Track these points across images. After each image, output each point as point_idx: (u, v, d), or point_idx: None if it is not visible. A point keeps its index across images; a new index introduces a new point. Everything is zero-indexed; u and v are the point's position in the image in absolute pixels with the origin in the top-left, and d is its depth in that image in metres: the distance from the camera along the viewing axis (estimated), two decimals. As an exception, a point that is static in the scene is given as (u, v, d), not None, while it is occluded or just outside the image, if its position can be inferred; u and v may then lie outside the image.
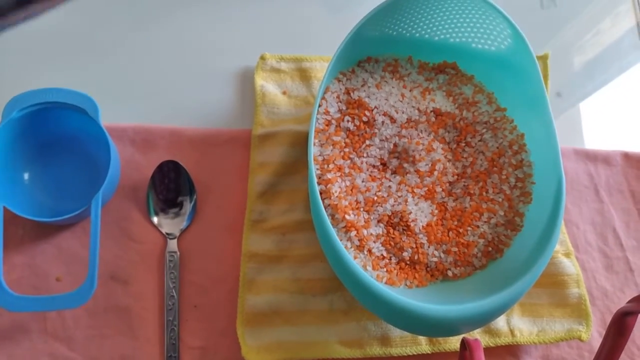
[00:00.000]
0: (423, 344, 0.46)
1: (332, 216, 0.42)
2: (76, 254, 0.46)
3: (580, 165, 0.56)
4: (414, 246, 0.44)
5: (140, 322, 0.45)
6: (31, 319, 0.44)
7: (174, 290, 0.45)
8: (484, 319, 0.39)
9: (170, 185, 0.48)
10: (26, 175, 0.47)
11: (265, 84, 0.53)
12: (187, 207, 0.48)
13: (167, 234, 0.47)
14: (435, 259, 0.44)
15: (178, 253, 0.46)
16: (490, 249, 0.45)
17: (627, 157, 0.57)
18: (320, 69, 0.54)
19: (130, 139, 0.49)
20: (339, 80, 0.48)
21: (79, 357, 0.44)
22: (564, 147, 0.55)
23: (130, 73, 0.53)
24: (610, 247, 0.53)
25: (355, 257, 0.42)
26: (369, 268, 0.42)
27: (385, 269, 0.43)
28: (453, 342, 0.46)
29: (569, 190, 0.54)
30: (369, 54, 0.50)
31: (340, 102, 0.47)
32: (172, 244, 0.47)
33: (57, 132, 0.47)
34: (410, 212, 0.44)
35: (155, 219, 0.47)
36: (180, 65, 0.54)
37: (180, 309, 0.45)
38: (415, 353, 0.45)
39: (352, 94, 0.47)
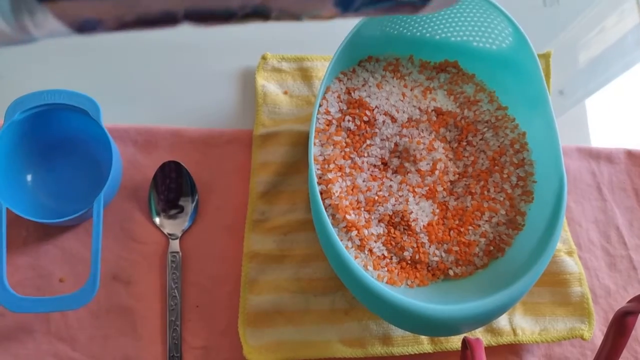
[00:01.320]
0: (425, 344, 0.46)
1: (333, 216, 0.42)
2: (79, 254, 0.46)
3: (583, 163, 0.55)
4: (415, 246, 0.44)
5: (142, 322, 0.45)
6: (35, 319, 0.44)
7: (176, 291, 0.45)
8: (485, 318, 0.39)
9: (172, 186, 0.48)
10: (29, 177, 0.47)
11: (267, 83, 0.53)
12: (189, 207, 0.48)
13: (169, 234, 0.47)
14: (436, 259, 0.44)
15: (180, 253, 0.47)
16: (491, 248, 0.45)
17: (630, 155, 0.56)
18: (322, 69, 0.54)
19: (132, 140, 0.50)
20: (340, 80, 0.48)
21: (83, 357, 0.44)
22: (567, 145, 0.55)
23: (131, 74, 0.53)
24: (614, 246, 0.53)
25: (356, 257, 0.42)
26: (370, 268, 0.42)
27: (386, 269, 0.43)
28: (455, 341, 0.46)
29: (572, 188, 0.54)
30: (369, 53, 0.49)
31: (341, 101, 0.47)
32: (174, 245, 0.47)
33: (59, 134, 0.47)
34: (412, 212, 0.44)
35: (157, 220, 0.48)
36: (181, 65, 0.54)
37: (182, 309, 0.45)
38: (416, 352, 0.45)
39: (352, 93, 0.47)
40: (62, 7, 0.12)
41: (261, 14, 0.13)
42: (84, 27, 0.12)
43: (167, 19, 0.12)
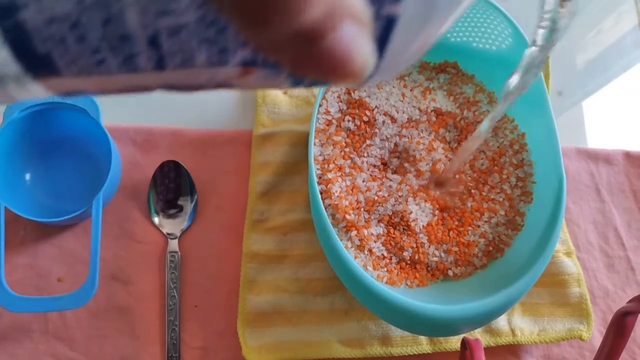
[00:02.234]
0: (424, 344, 0.46)
1: (333, 216, 0.42)
2: (77, 254, 0.46)
3: (581, 165, 0.56)
4: (415, 246, 0.44)
5: (141, 322, 0.45)
6: (33, 319, 0.44)
7: (174, 291, 0.45)
8: (484, 319, 0.39)
9: (171, 186, 0.48)
10: (27, 176, 0.47)
11: (266, 83, 0.53)
12: (188, 207, 0.48)
13: (168, 234, 0.47)
14: (435, 259, 0.44)
15: (179, 253, 0.46)
16: (490, 248, 0.45)
17: (628, 156, 0.57)
18: (321, 69, 0.54)
19: (131, 139, 0.50)
20: (340, 80, 0.48)
21: (81, 357, 0.44)
22: (565, 146, 0.55)
23: (131, 73, 0.53)
24: (612, 247, 0.53)
25: (355, 257, 0.42)
26: (370, 268, 0.42)
27: (385, 269, 0.43)
28: (454, 342, 0.46)
29: (571, 189, 0.54)
30: (369, 54, 0.49)
31: (341, 101, 0.47)
32: (173, 244, 0.47)
33: (59, 133, 0.47)
34: (411, 212, 0.44)
35: (156, 219, 0.47)
36: (180, 65, 0.54)
37: (181, 309, 0.45)
38: (416, 353, 0.45)
39: (352, 93, 0.47)
40: (53, 83, 0.13)
41: (225, 87, 0.15)
42: (69, 94, 0.14)
43: (143, 90, 0.14)
